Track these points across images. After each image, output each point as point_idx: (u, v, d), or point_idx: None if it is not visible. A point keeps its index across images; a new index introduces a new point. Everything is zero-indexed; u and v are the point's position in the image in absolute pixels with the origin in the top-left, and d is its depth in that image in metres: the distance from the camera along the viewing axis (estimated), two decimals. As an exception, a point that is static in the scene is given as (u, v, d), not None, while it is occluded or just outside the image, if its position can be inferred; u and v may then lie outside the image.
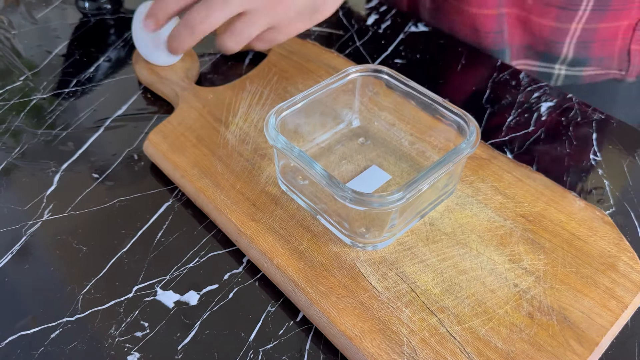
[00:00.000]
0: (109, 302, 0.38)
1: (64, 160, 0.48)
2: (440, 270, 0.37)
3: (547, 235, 0.39)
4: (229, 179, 0.43)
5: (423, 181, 0.35)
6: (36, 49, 0.61)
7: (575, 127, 0.50)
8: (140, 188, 0.45)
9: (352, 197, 0.35)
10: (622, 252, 0.38)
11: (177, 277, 0.39)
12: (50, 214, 0.43)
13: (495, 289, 0.36)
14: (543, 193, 0.42)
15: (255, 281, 0.39)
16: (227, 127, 0.48)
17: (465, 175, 0.43)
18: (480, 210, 0.41)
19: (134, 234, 0.42)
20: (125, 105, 0.54)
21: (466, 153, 0.37)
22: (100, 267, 0.40)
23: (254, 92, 0.51)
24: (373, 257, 0.38)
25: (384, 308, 0.35)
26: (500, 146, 0.49)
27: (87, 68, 0.58)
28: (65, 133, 0.51)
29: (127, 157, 0.48)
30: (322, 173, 0.36)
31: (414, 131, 0.46)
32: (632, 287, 0.36)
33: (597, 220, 0.40)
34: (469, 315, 0.35)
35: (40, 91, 0.55)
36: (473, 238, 0.39)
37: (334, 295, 0.36)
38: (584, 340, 0.34)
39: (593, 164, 0.47)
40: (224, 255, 0.41)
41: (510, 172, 0.43)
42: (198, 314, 0.37)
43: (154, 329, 0.36)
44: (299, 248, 0.39)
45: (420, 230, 0.40)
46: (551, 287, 0.36)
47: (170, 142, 0.46)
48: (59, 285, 0.39)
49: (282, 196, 0.42)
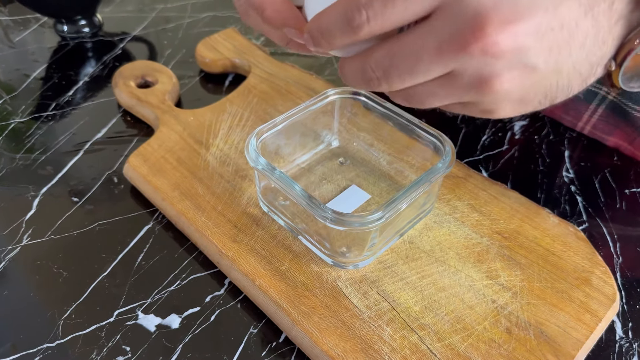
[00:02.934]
0: (90, 327, 0.38)
1: (43, 184, 0.48)
2: (420, 288, 0.38)
3: (522, 251, 0.40)
4: (210, 201, 0.43)
5: (402, 200, 0.36)
6: (14, 72, 0.61)
7: (548, 145, 0.52)
8: (120, 211, 0.45)
9: (332, 217, 0.35)
10: (595, 266, 0.39)
11: (158, 300, 0.39)
12: (29, 238, 0.43)
13: (473, 305, 0.37)
14: (518, 210, 0.43)
15: (237, 303, 0.39)
16: (207, 149, 0.48)
17: (443, 193, 0.44)
18: (457, 228, 0.42)
19: (114, 258, 0.42)
20: (105, 128, 0.54)
21: (443, 172, 0.38)
22: (80, 291, 0.40)
23: (234, 114, 0.52)
24: (354, 276, 0.39)
25: (365, 327, 0.36)
26: (475, 165, 0.50)
27: (66, 91, 0.58)
28: (44, 157, 0.50)
29: (106, 181, 0.48)
30: (302, 194, 0.37)
31: (392, 151, 0.46)
32: (605, 301, 0.37)
33: (571, 236, 0.41)
34: (449, 331, 0.35)
35: (19, 115, 0.55)
36: (451, 255, 0.40)
37: (316, 315, 0.36)
38: (560, 354, 0.34)
39: (566, 181, 0.49)
40: (205, 278, 0.41)
41: (485, 190, 0.44)
42: (180, 337, 0.37)
43: (135, 353, 0.36)
44: (281, 269, 0.39)
45: (400, 248, 0.40)
46: (528, 302, 0.37)
47: (151, 165, 0.46)
48: (39, 311, 0.39)
49: (263, 217, 0.42)
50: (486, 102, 0.26)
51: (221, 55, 0.59)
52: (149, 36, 0.68)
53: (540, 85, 0.27)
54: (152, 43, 0.67)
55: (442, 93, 0.26)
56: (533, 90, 0.27)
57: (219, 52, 0.60)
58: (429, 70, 0.25)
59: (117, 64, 0.63)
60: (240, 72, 0.60)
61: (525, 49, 0.24)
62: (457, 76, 0.25)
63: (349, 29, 0.25)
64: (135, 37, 0.68)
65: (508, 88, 0.25)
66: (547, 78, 0.26)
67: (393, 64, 0.25)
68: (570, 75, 0.27)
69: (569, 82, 0.27)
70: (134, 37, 0.68)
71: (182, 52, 0.65)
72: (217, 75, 0.61)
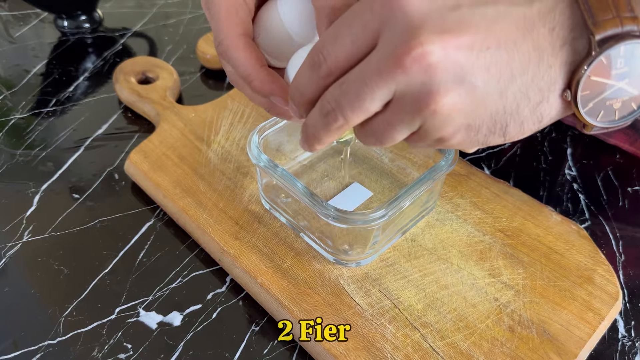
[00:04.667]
0: (91, 324, 0.37)
1: (44, 180, 0.47)
2: (423, 286, 0.38)
3: (525, 249, 0.40)
4: (211, 198, 0.43)
5: (405, 198, 0.36)
6: (14, 68, 0.61)
7: (550, 143, 0.52)
8: (121, 208, 0.45)
9: (335, 215, 0.35)
10: (598, 265, 0.39)
11: (159, 297, 0.39)
12: (30, 235, 0.43)
13: (476, 304, 0.37)
14: (520, 208, 0.43)
15: (238, 300, 0.39)
16: (209, 146, 0.48)
17: (445, 191, 0.44)
18: (460, 226, 0.42)
19: (115, 255, 0.42)
20: (106, 124, 0.53)
21: (445, 170, 0.38)
22: (82, 288, 0.39)
23: (235, 111, 0.51)
24: (356, 274, 0.38)
25: (367, 325, 0.36)
26: (477, 162, 0.50)
27: (66, 87, 0.58)
28: (44, 153, 0.50)
29: (107, 177, 0.48)
30: (304, 191, 0.36)
31: (394, 148, 0.46)
32: (608, 299, 0.37)
33: (574, 234, 0.41)
34: (451, 330, 0.35)
35: (19, 111, 0.55)
36: (453, 253, 0.40)
37: (318, 312, 0.36)
38: (563, 352, 0.34)
39: (568, 179, 0.48)
40: (207, 275, 0.41)
41: (488, 188, 0.44)
42: (181, 335, 0.37)
43: (137, 351, 0.36)
44: (283, 266, 0.39)
45: (402, 246, 0.40)
46: (530, 300, 0.37)
47: (152, 162, 0.46)
48: (39, 308, 0.38)
49: (265, 214, 0.42)
50: (434, 127, 0.26)
51: (222, 52, 0.59)
52: (150, 32, 0.68)
53: (485, 108, 0.26)
54: (152, 39, 0.66)
55: (395, 121, 0.26)
56: (478, 115, 0.26)
57: (220, 48, 0.59)
58: (374, 94, 0.25)
59: (117, 60, 0.62)
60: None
61: (460, 64, 0.24)
62: (400, 99, 0.25)
63: (314, 74, 0.27)
64: (135, 32, 0.67)
65: (449, 108, 0.25)
66: (490, 100, 0.26)
67: (342, 92, 0.26)
68: (517, 99, 0.26)
69: (517, 106, 0.26)
70: (134, 33, 0.67)
71: (183, 48, 0.64)
72: (218, 72, 0.60)
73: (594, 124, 0.28)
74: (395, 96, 0.26)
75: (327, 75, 0.27)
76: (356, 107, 0.26)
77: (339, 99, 0.26)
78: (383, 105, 0.26)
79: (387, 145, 0.28)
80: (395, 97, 0.26)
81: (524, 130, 0.27)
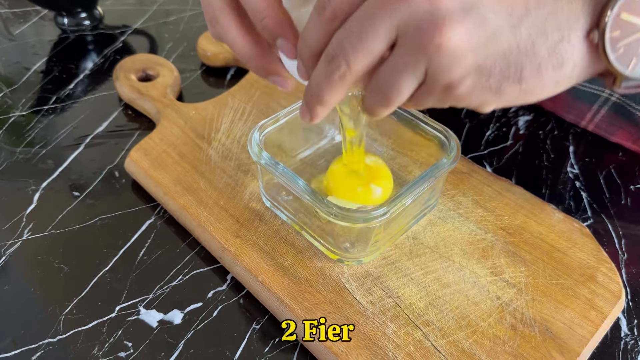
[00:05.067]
0: (92, 322, 0.37)
1: (44, 178, 0.47)
2: (424, 284, 0.38)
3: (527, 247, 0.40)
4: (212, 196, 0.43)
5: (406, 196, 0.36)
6: (14, 65, 0.60)
7: (553, 140, 0.52)
8: (121, 206, 0.45)
9: (336, 213, 0.35)
10: (601, 263, 0.39)
11: (160, 295, 0.39)
12: (30, 233, 0.43)
13: (478, 302, 0.37)
14: (522, 206, 0.43)
15: (239, 298, 0.39)
16: (209, 144, 0.48)
17: (447, 189, 0.44)
18: (461, 224, 0.41)
19: (115, 253, 0.42)
20: (106, 122, 0.53)
21: (447, 168, 0.38)
22: (82, 286, 0.39)
23: (236, 108, 0.51)
24: (358, 272, 0.38)
25: (369, 323, 0.35)
26: (479, 160, 0.49)
27: (66, 85, 0.58)
28: (44, 151, 0.50)
29: (108, 175, 0.48)
30: (306, 189, 0.36)
31: (396, 146, 0.46)
32: (611, 298, 0.37)
33: (576, 232, 0.41)
34: (453, 328, 0.35)
35: (19, 108, 0.55)
36: (455, 251, 0.40)
37: (320, 311, 0.36)
38: (565, 351, 0.34)
39: (570, 176, 0.48)
40: (207, 273, 0.40)
41: (490, 186, 0.44)
42: (182, 333, 0.37)
43: (137, 349, 0.36)
44: (284, 264, 0.39)
45: (404, 244, 0.40)
46: (533, 298, 0.37)
47: (152, 159, 0.46)
48: (39, 306, 0.38)
49: (266, 212, 0.42)
50: (440, 67, 0.23)
51: (223, 49, 0.59)
52: (150, 29, 0.67)
53: (496, 46, 0.23)
54: (153, 36, 0.66)
55: (399, 64, 0.24)
56: (489, 53, 0.24)
57: (221, 46, 0.59)
58: (377, 31, 0.24)
59: (117, 57, 0.62)
60: (242, 65, 0.59)
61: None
62: (404, 35, 0.24)
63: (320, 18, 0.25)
64: (136, 30, 0.67)
65: (456, 44, 0.23)
66: (501, 36, 0.23)
67: (346, 33, 0.25)
68: (532, 36, 0.23)
69: (532, 45, 0.24)
70: (135, 30, 0.67)
71: (183, 46, 0.64)
72: (219, 69, 0.60)
73: (626, 73, 0.25)
74: (399, 34, 0.24)
75: (332, 18, 0.25)
76: (359, 47, 0.24)
77: (343, 41, 0.25)
78: (387, 46, 0.25)
79: (395, 104, 0.26)
80: (399, 36, 0.24)
81: (543, 78, 0.24)
